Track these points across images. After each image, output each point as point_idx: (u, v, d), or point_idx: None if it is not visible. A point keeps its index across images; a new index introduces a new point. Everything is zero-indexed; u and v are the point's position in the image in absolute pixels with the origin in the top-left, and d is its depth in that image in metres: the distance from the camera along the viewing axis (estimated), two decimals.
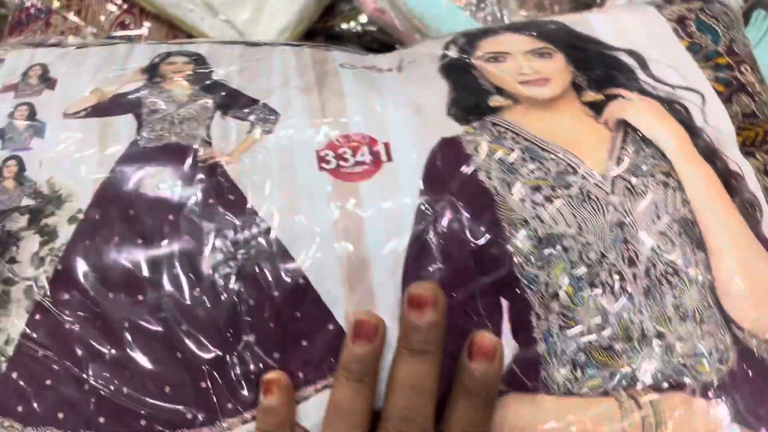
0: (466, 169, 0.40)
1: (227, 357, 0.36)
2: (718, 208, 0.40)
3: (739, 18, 0.50)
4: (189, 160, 0.40)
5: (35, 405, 0.36)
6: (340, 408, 0.36)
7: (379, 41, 0.73)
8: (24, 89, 0.44)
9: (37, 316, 0.36)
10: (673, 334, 0.37)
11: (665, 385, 0.37)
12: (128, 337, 0.36)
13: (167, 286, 0.37)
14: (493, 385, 0.36)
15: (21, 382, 0.35)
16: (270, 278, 0.37)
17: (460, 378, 0.36)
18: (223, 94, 0.44)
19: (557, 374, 0.37)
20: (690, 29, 0.48)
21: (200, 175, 0.39)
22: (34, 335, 0.36)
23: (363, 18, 0.73)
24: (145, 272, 0.37)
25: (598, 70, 0.45)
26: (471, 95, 0.44)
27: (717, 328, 0.38)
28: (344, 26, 0.74)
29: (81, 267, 0.37)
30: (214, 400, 0.36)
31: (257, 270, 0.37)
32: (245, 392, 0.37)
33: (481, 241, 0.38)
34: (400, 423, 0.36)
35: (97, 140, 0.41)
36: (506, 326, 0.38)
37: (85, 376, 0.36)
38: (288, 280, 0.37)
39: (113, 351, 0.36)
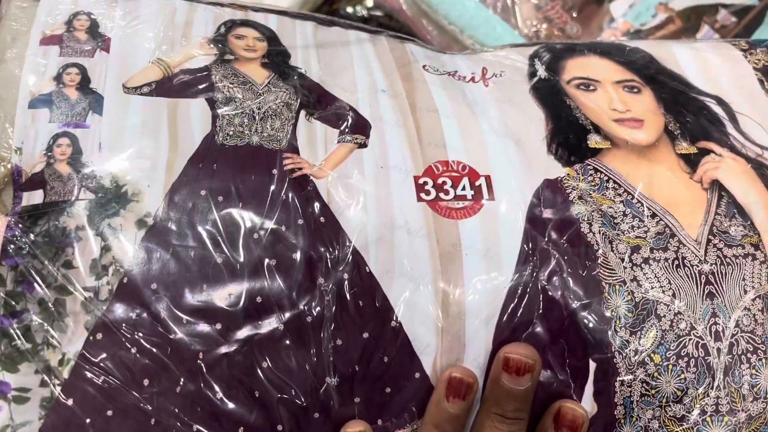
0: (569, 218, 0.37)
1: (307, 399, 0.33)
2: None
3: None
4: (275, 171, 0.35)
5: None
6: None
7: (385, 26, 0.71)
8: (71, 45, 0.38)
9: (99, 336, 0.32)
10: (744, 412, 0.38)
11: None
12: (203, 369, 0.32)
13: (248, 316, 0.33)
14: None
15: (78, 411, 0.31)
16: (361, 318, 0.34)
17: None
18: (305, 88, 0.39)
19: None
20: None
21: (288, 189, 0.35)
22: (95, 358, 0.31)
23: (369, 2, 0.72)
24: (224, 298, 0.33)
25: (690, 118, 0.44)
26: (569, 131, 0.41)
27: None
28: (349, 9, 0.72)
29: (150, 283, 0.32)
30: None
31: (348, 307, 0.34)
32: None
33: (581, 301, 0.36)
34: None
35: (166, 129, 0.36)
36: (589, 388, 0.37)
37: (151, 408, 0.32)
38: (380, 321, 0.34)
39: (185, 384, 0.32)
